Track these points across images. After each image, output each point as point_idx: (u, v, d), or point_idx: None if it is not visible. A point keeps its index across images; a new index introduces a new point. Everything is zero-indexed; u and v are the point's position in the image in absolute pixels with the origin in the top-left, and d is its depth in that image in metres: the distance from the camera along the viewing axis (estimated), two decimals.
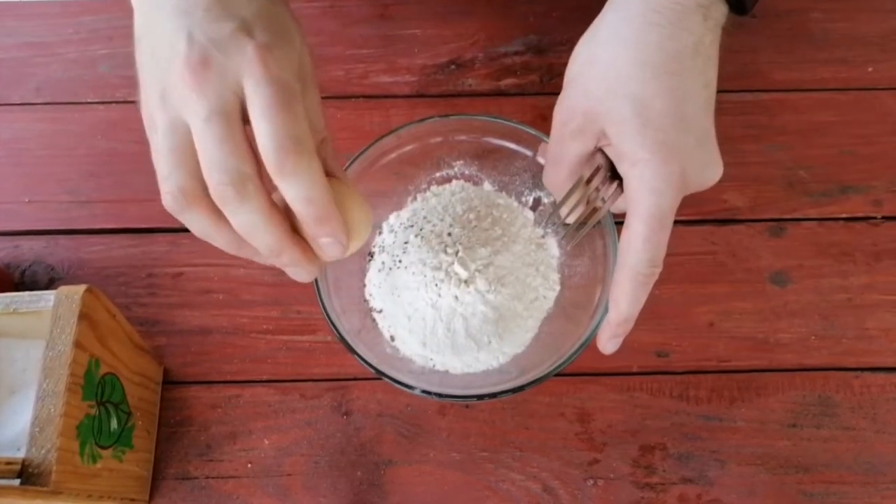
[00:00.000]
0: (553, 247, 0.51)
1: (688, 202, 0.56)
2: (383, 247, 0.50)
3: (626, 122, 0.36)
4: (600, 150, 0.40)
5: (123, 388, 0.44)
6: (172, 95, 0.31)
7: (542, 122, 0.58)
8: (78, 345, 0.38)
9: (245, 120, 0.32)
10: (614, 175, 0.40)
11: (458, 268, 0.46)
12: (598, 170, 0.40)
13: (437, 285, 0.46)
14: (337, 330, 0.43)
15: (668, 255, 0.55)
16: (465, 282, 0.47)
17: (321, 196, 0.32)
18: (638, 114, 0.36)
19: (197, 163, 0.31)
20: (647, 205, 0.36)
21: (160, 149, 0.32)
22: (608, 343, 0.40)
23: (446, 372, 0.47)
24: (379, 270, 0.49)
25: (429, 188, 0.52)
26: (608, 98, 0.37)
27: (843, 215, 0.55)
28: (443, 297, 0.46)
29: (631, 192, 0.37)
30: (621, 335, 0.40)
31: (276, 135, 0.30)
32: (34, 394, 0.37)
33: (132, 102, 0.59)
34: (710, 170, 0.39)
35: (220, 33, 0.31)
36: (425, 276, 0.47)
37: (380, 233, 0.51)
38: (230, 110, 0.31)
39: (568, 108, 0.40)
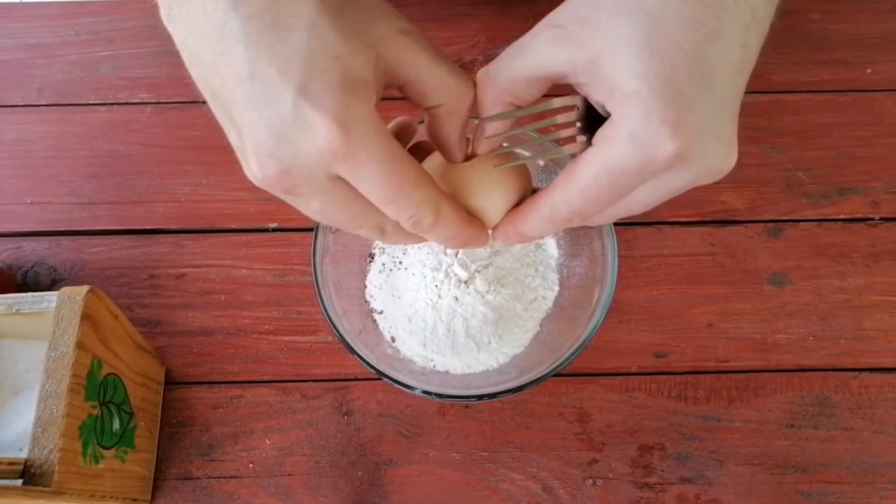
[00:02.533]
0: (552, 247, 0.51)
1: (686, 202, 0.56)
2: (383, 248, 0.50)
3: (629, 42, 0.27)
4: (580, 96, 0.31)
5: (125, 388, 0.44)
6: (275, 184, 0.28)
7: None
8: (80, 345, 0.38)
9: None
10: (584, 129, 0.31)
11: (457, 269, 0.46)
12: (573, 108, 0.31)
13: (437, 286, 0.46)
14: (338, 331, 0.43)
15: (667, 255, 0.55)
16: (465, 282, 0.47)
17: (460, 232, 0.31)
18: (646, 35, 0.27)
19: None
20: (613, 152, 0.28)
21: (315, 214, 0.30)
22: (499, 240, 0.35)
23: (446, 372, 0.47)
24: (379, 272, 0.49)
25: None
26: (616, 8, 0.27)
27: (842, 216, 0.55)
28: (443, 298, 0.46)
29: (604, 129, 0.28)
30: (515, 242, 0.35)
31: (402, 214, 0.29)
32: (36, 394, 0.37)
33: (133, 104, 0.59)
34: (720, 151, 0.29)
35: (280, 117, 0.26)
36: (425, 277, 0.47)
37: None
38: (338, 192, 0.28)
39: (566, 9, 0.30)
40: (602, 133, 0.28)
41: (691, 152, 0.28)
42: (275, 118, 0.26)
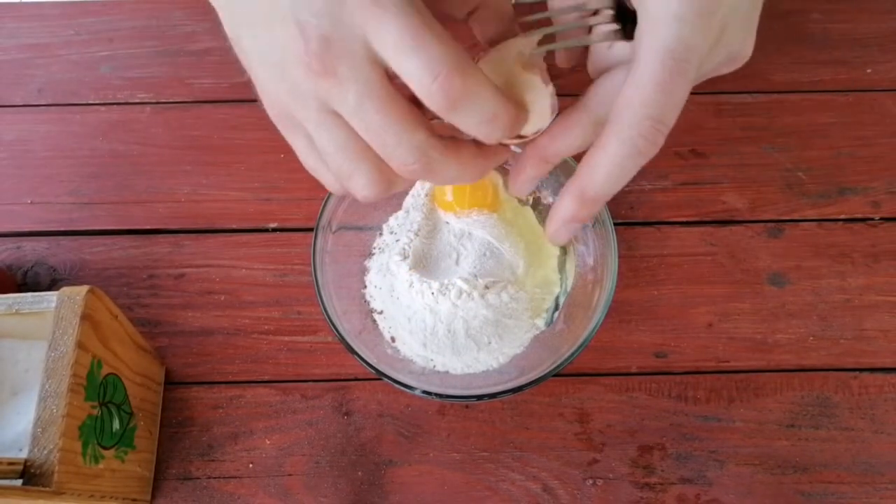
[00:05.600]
0: (553, 246, 0.51)
1: (686, 202, 0.56)
2: (383, 248, 0.50)
3: None
4: None
5: (125, 388, 0.44)
6: (306, 89, 0.28)
7: None
8: (80, 345, 0.38)
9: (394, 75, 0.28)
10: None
11: (460, 283, 0.46)
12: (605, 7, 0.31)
13: (433, 294, 0.46)
14: (338, 331, 0.43)
15: (667, 255, 0.55)
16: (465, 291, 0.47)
17: (502, 106, 0.28)
18: None
19: (368, 147, 0.29)
20: (664, 35, 0.27)
21: (326, 149, 0.30)
22: (563, 226, 0.31)
23: (446, 372, 0.47)
24: (379, 272, 0.49)
25: None
26: None
27: (842, 216, 0.55)
28: (440, 303, 0.46)
29: (644, 22, 0.28)
30: (582, 219, 0.31)
31: (425, 66, 0.26)
32: (36, 394, 0.37)
33: (133, 104, 0.59)
34: (745, 39, 0.31)
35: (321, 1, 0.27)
36: (422, 285, 0.47)
37: (380, 234, 0.51)
38: (375, 81, 0.27)
39: None
40: (640, 27, 0.28)
41: (727, 34, 0.29)
42: (316, 2, 0.27)
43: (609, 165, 0.28)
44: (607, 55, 0.32)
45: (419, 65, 0.26)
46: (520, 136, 0.32)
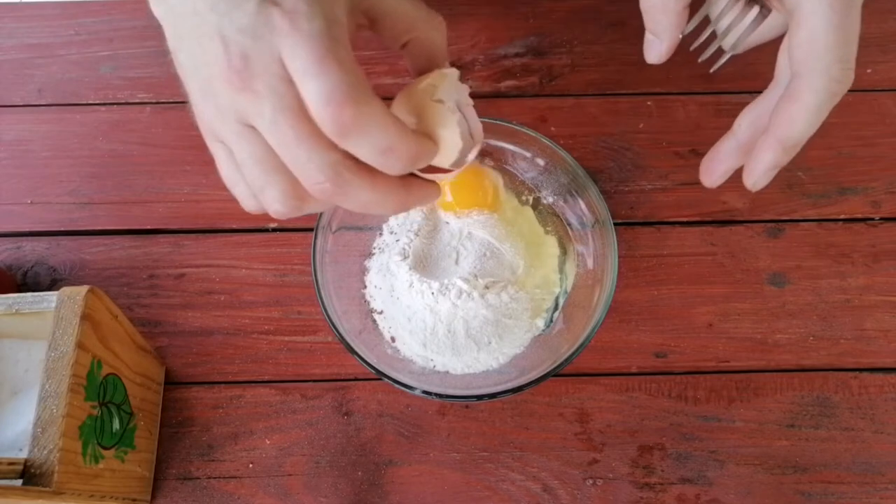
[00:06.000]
0: (553, 246, 0.51)
1: (686, 202, 0.56)
2: (383, 248, 0.50)
3: None
4: None
5: (125, 388, 0.44)
6: (227, 103, 0.29)
7: (542, 123, 0.58)
8: (80, 345, 0.38)
9: None
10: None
11: (460, 283, 0.46)
12: None
13: (433, 294, 0.46)
14: (338, 331, 0.43)
15: (667, 255, 0.55)
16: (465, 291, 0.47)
17: (398, 139, 0.29)
18: None
19: (283, 162, 0.30)
20: None
21: (243, 162, 0.31)
22: (763, 175, 0.34)
23: (446, 373, 0.47)
24: (379, 272, 0.49)
25: None
26: None
27: (842, 216, 0.55)
28: (440, 303, 0.46)
29: None
30: (782, 165, 0.33)
31: (321, 91, 0.27)
32: (36, 394, 0.37)
33: (133, 104, 0.59)
34: None
35: (246, 17, 0.28)
36: (422, 285, 0.47)
37: (380, 234, 0.51)
38: (290, 98, 0.28)
39: None
40: None
41: None
42: (241, 17, 0.28)
43: (807, 115, 0.31)
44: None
45: (316, 89, 0.27)
46: (441, 170, 0.33)
